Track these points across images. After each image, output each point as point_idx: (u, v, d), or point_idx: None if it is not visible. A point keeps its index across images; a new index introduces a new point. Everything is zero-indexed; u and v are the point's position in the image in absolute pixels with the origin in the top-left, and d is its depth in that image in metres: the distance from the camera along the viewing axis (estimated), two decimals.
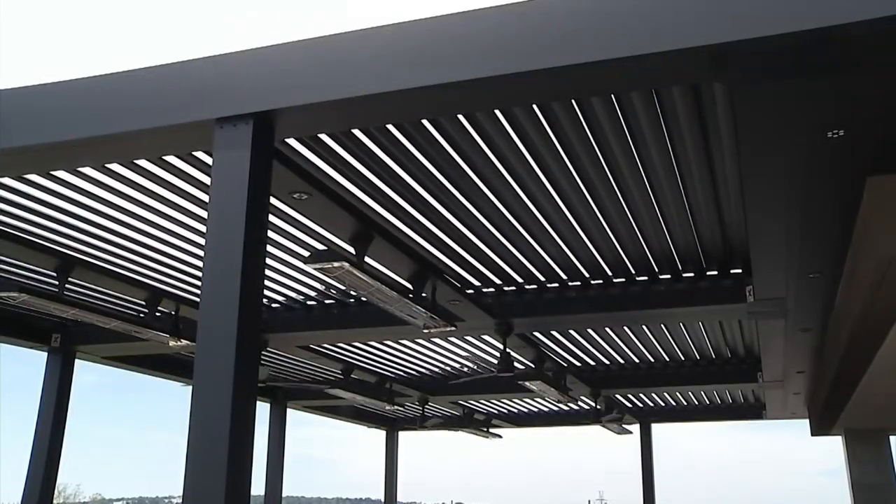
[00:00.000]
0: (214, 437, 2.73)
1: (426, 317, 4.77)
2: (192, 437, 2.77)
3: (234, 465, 2.71)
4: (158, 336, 5.67)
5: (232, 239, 2.91)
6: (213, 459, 2.71)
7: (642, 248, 4.98)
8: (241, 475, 2.74)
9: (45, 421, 6.86)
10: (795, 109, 2.72)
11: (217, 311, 2.87)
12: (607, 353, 8.19)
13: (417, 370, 9.06)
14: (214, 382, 2.79)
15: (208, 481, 2.70)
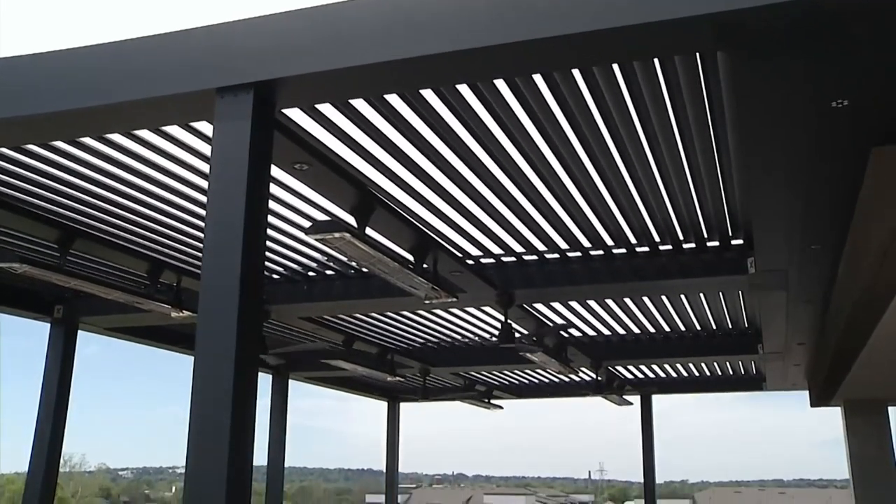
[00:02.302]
0: (216, 407, 2.75)
1: (428, 288, 4.77)
2: (195, 408, 2.79)
3: (237, 436, 2.72)
4: (160, 307, 5.68)
5: (233, 209, 2.90)
6: (216, 430, 2.72)
7: (643, 219, 4.97)
8: (244, 446, 2.76)
9: (49, 392, 6.91)
10: (800, 79, 2.69)
11: (218, 282, 2.87)
12: (608, 324, 8.21)
13: (418, 341, 9.09)
14: (216, 354, 2.80)
15: (211, 452, 2.72)
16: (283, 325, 7.89)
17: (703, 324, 8.11)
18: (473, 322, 8.08)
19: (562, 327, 7.33)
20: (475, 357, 9.54)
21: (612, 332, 8.61)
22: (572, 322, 7.94)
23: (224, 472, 2.67)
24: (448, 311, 7.58)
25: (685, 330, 8.42)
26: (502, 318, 6.36)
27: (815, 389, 10.06)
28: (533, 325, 7.32)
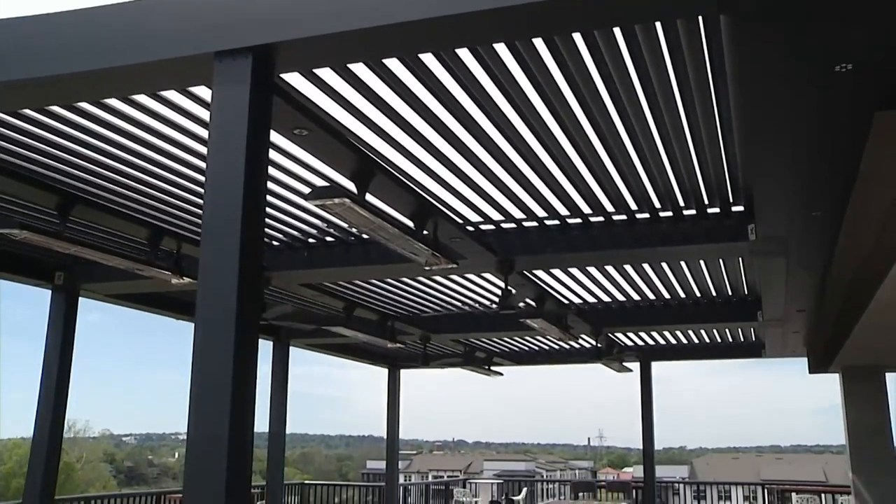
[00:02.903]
0: (217, 374, 2.76)
1: (428, 254, 4.77)
2: (196, 375, 2.80)
3: (238, 402, 2.74)
4: (161, 274, 5.69)
5: (232, 175, 2.89)
6: (217, 397, 2.74)
7: (643, 185, 4.96)
8: (245, 412, 2.77)
9: (51, 358, 6.94)
10: (803, 43, 2.67)
11: (218, 248, 2.86)
12: (608, 291, 8.22)
13: (419, 308, 9.12)
14: (216, 320, 2.81)
15: (212, 418, 2.74)
16: (283, 292, 7.92)
17: (702, 291, 8.13)
18: (473, 289, 8.10)
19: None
20: (475, 324, 9.58)
21: (612, 299, 8.64)
22: (571, 288, 7.96)
23: (225, 438, 2.68)
24: (448, 277, 7.59)
25: (685, 297, 8.44)
26: (502, 285, 6.37)
27: (814, 356, 10.11)
28: (533, 292, 7.34)
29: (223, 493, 2.66)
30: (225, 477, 2.67)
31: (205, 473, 2.72)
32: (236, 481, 2.70)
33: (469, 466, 64.36)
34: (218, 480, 2.67)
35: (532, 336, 10.52)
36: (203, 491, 2.71)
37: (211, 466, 2.70)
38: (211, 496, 2.67)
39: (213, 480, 2.68)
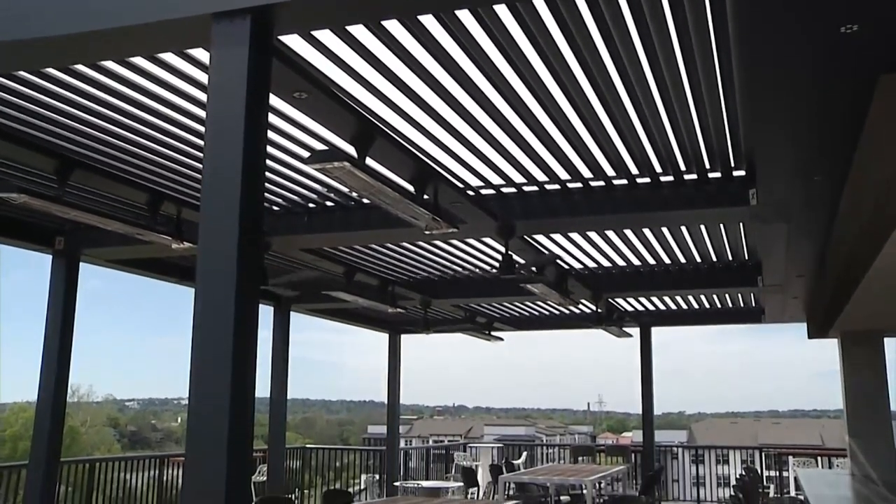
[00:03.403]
0: (218, 339, 2.76)
1: (428, 218, 4.76)
2: (196, 341, 2.80)
3: (239, 367, 2.74)
4: (161, 239, 5.68)
5: (231, 139, 2.87)
6: (218, 362, 2.74)
7: (644, 148, 4.93)
8: (246, 377, 2.78)
9: (53, 323, 6.97)
10: (808, 3, 2.63)
11: (218, 213, 2.85)
12: (609, 256, 8.23)
13: (419, 273, 9.13)
14: (217, 285, 2.80)
15: (213, 384, 2.75)
16: (284, 256, 7.92)
17: (703, 256, 8.14)
18: (474, 254, 8.10)
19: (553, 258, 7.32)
20: (476, 289, 9.60)
21: (612, 264, 8.65)
22: (570, 252, 7.96)
23: (226, 403, 2.70)
24: (449, 242, 7.59)
25: (685, 262, 8.45)
26: (503, 250, 6.38)
27: (813, 321, 10.14)
28: (533, 257, 7.34)
29: (225, 457, 2.68)
30: (226, 441, 2.68)
31: (206, 437, 2.73)
32: (238, 445, 2.72)
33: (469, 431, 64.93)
34: (219, 444, 2.69)
35: (532, 301, 10.54)
36: (205, 454, 2.73)
37: (213, 430, 2.71)
38: (213, 459, 2.70)
39: (215, 444, 2.70)
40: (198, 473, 2.74)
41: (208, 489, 2.69)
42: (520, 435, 57.44)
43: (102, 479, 10.13)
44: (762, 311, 11.25)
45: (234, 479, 2.69)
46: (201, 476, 2.73)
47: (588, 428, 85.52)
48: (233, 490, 2.68)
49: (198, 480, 2.73)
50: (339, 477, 15.33)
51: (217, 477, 2.67)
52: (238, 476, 2.72)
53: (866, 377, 9.04)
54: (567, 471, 9.73)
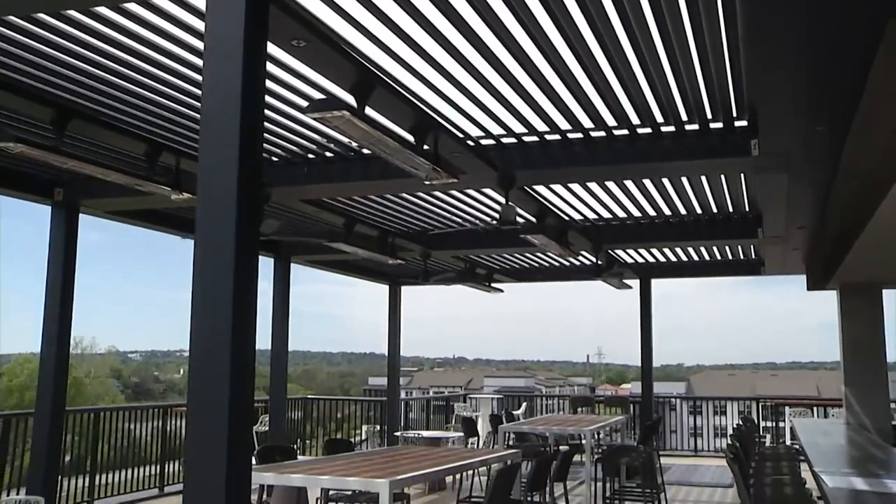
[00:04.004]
0: (218, 291, 2.76)
1: (428, 168, 4.74)
2: (196, 292, 2.81)
3: (239, 319, 2.75)
4: (160, 189, 5.66)
5: (229, 88, 2.84)
6: (218, 313, 2.75)
7: (645, 98, 4.89)
8: (246, 329, 2.80)
9: (54, 274, 6.99)
10: None
11: (216, 163, 2.84)
12: (609, 207, 8.21)
13: (419, 224, 9.12)
14: (216, 236, 2.80)
15: (213, 335, 2.76)
16: (283, 207, 7.91)
17: (703, 207, 8.12)
18: (474, 205, 8.09)
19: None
20: (476, 240, 9.60)
21: (612, 216, 8.63)
22: (572, 204, 7.94)
23: (227, 354, 2.71)
24: (449, 193, 7.57)
25: (686, 213, 8.44)
26: (503, 200, 6.36)
27: (813, 273, 10.17)
28: (534, 207, 7.33)
29: (226, 406, 2.70)
30: (228, 391, 2.71)
31: (208, 387, 2.76)
32: (239, 395, 2.74)
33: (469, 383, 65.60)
34: (221, 394, 2.72)
35: (532, 252, 10.55)
36: (207, 404, 2.76)
37: (214, 384, 2.74)
38: (215, 409, 2.72)
39: (217, 394, 2.73)
40: (200, 423, 2.77)
41: (210, 438, 2.72)
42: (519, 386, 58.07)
43: (107, 428, 10.26)
44: (762, 263, 11.27)
45: (236, 428, 2.72)
46: (203, 425, 2.76)
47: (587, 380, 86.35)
48: (234, 438, 2.71)
49: (200, 430, 2.77)
50: (341, 428, 15.51)
51: (219, 426, 2.70)
52: (239, 425, 2.75)
53: (864, 328, 9.11)
54: (566, 421, 9.85)
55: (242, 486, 2.78)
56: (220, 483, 2.68)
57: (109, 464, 10.25)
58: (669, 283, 12.92)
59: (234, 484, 2.71)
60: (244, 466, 2.79)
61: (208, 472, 2.71)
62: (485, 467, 7.73)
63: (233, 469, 2.70)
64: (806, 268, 10.60)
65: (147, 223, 8.32)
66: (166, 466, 10.70)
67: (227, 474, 2.68)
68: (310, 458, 6.35)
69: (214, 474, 2.69)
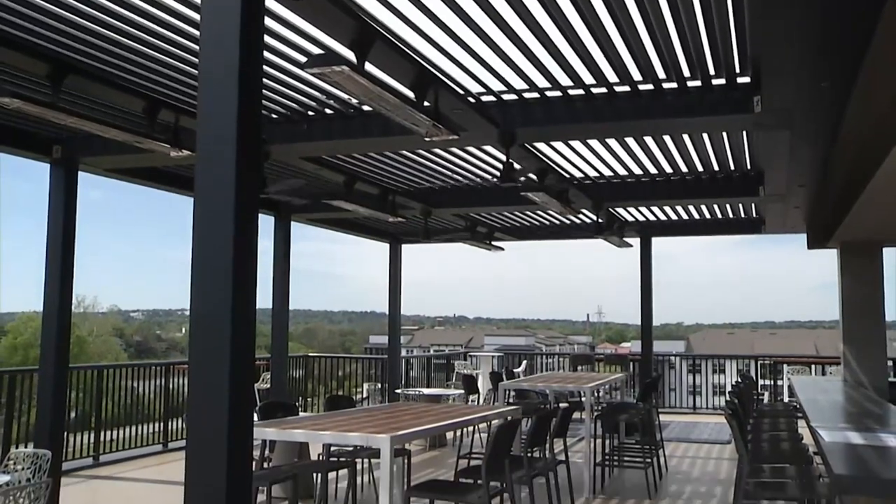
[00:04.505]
0: (218, 249, 2.76)
1: (429, 125, 4.71)
2: (197, 250, 2.81)
3: (239, 277, 2.76)
4: (159, 146, 5.63)
5: (227, 43, 2.81)
6: (218, 271, 2.75)
7: (647, 54, 4.84)
8: (247, 287, 2.80)
9: (54, 233, 6.99)
10: None
11: (215, 120, 2.83)
12: (610, 165, 8.18)
13: (420, 182, 9.10)
14: (216, 194, 2.79)
15: (214, 294, 2.76)
16: (282, 164, 7.88)
17: (705, 165, 8.09)
18: (475, 162, 8.06)
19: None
20: (476, 198, 9.58)
21: (613, 173, 8.60)
22: (573, 162, 7.91)
23: (228, 313, 2.72)
24: (449, 150, 7.54)
25: (687, 171, 8.41)
26: (504, 158, 6.34)
27: (814, 232, 10.17)
28: (534, 165, 7.30)
29: (228, 363, 2.72)
30: (229, 347, 2.72)
31: (209, 344, 2.77)
32: (239, 352, 2.75)
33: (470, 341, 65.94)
34: (222, 351, 2.73)
35: (533, 210, 10.53)
36: (208, 362, 2.77)
37: (215, 342, 2.75)
38: (216, 366, 2.74)
39: (218, 351, 2.74)
40: (202, 379, 2.79)
41: (212, 395, 2.74)
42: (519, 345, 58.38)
43: (111, 386, 10.36)
44: (762, 222, 11.26)
45: (237, 385, 2.74)
46: (205, 382, 2.78)
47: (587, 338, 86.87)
48: (236, 395, 2.73)
49: (202, 386, 2.79)
50: (342, 386, 15.63)
51: (220, 382, 2.72)
52: (240, 381, 2.77)
53: (863, 287, 9.14)
54: (566, 379, 9.92)
55: (244, 441, 2.81)
56: (222, 439, 2.71)
57: (114, 420, 10.36)
58: (669, 241, 12.94)
59: (236, 439, 2.74)
60: (246, 422, 2.81)
61: (210, 428, 2.73)
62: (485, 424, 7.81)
63: (234, 425, 2.72)
64: (806, 226, 10.59)
65: (147, 181, 8.29)
66: (169, 423, 10.82)
67: (229, 430, 2.71)
68: (312, 415, 6.42)
69: (216, 430, 2.72)
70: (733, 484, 5.56)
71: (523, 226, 12.54)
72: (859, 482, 2.97)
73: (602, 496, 7.87)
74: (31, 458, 5.06)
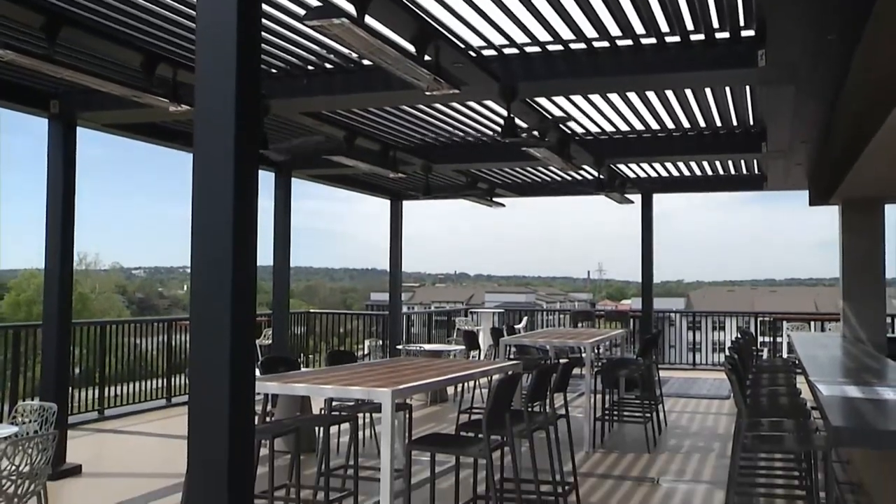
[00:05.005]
0: (218, 205, 2.76)
1: (430, 79, 4.66)
2: (196, 206, 2.80)
3: (240, 234, 2.76)
4: (158, 101, 5.59)
5: None
6: (218, 228, 2.75)
7: (650, 5, 4.77)
8: (247, 243, 2.80)
9: (54, 189, 6.98)
10: None
11: (214, 73, 2.80)
12: (612, 121, 8.12)
13: (421, 138, 9.05)
14: (215, 149, 2.78)
15: (214, 250, 2.77)
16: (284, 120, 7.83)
17: (707, 121, 8.03)
18: (476, 118, 8.00)
19: (561, 120, 7.22)
20: (478, 154, 9.54)
21: (615, 129, 8.55)
22: (573, 117, 7.85)
23: (229, 270, 2.72)
24: (450, 106, 7.48)
25: (689, 127, 8.35)
26: (505, 113, 6.29)
27: (815, 188, 10.14)
28: (536, 120, 7.25)
29: (228, 318, 2.73)
30: (229, 302, 2.73)
31: (210, 300, 2.78)
32: (240, 306, 2.77)
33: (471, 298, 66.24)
34: (223, 305, 2.74)
35: (534, 167, 10.49)
36: (209, 316, 2.78)
37: (216, 299, 2.76)
38: (217, 321, 2.75)
39: (219, 307, 2.75)
40: (203, 334, 2.80)
41: (214, 349, 2.76)
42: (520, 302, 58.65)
43: (114, 342, 10.43)
44: (764, 179, 11.22)
45: (239, 339, 2.76)
46: (207, 336, 2.79)
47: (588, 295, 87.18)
48: (237, 349, 2.75)
49: (204, 341, 2.80)
50: (343, 342, 15.71)
51: (221, 337, 2.74)
52: (242, 336, 2.78)
53: (864, 243, 9.13)
54: (567, 334, 9.97)
55: (246, 395, 2.83)
56: (224, 393, 2.73)
57: (117, 377, 10.45)
58: (671, 199, 12.93)
59: (238, 393, 2.76)
60: (247, 376, 2.84)
61: (213, 382, 2.76)
62: (486, 379, 7.87)
63: (236, 379, 2.74)
64: (808, 183, 10.56)
65: (147, 137, 8.25)
66: (173, 379, 10.91)
67: (231, 384, 2.73)
68: (314, 369, 6.47)
69: (218, 384, 2.74)
70: (731, 438, 5.62)
71: (524, 182, 12.50)
72: (855, 434, 3.00)
73: (602, 450, 7.96)
74: (37, 410, 5.13)
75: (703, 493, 6.36)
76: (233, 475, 2.73)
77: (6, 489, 4.02)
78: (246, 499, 2.85)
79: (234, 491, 2.74)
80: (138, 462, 7.54)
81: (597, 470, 7.14)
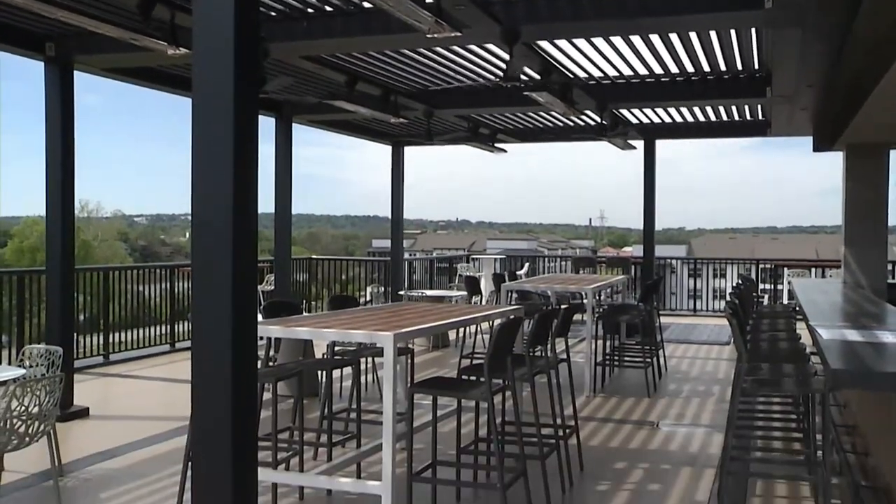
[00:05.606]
0: (218, 150, 2.74)
1: (431, 21, 4.59)
2: (196, 152, 2.79)
3: (240, 179, 2.75)
4: (155, 44, 5.51)
5: None
6: (219, 174, 2.75)
7: None
8: (248, 189, 2.79)
9: (52, 133, 6.93)
10: None
11: (212, 14, 2.77)
12: (615, 65, 8.02)
13: (422, 82, 8.95)
14: (214, 93, 2.76)
15: (215, 197, 2.76)
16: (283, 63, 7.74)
17: (712, 65, 7.93)
18: (478, 62, 7.90)
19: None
20: (479, 99, 9.45)
21: (618, 73, 8.45)
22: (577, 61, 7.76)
23: (230, 217, 2.72)
24: (451, 50, 7.38)
25: (693, 72, 8.25)
26: (507, 57, 6.21)
27: (820, 134, 10.05)
28: (538, 64, 7.16)
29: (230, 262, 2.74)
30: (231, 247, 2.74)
31: (212, 247, 2.78)
32: (242, 251, 2.77)
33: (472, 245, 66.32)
34: (224, 250, 2.75)
35: (536, 112, 10.40)
36: (211, 264, 2.79)
37: (217, 246, 2.76)
38: (219, 265, 2.76)
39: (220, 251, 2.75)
40: (206, 278, 2.81)
41: (216, 294, 2.77)
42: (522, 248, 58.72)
43: (117, 289, 10.48)
44: (768, 125, 11.13)
45: (241, 283, 2.77)
46: (209, 280, 2.80)
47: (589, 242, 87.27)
48: (239, 294, 2.76)
49: (206, 285, 2.81)
50: (345, 289, 15.78)
51: (224, 283, 2.75)
52: (243, 281, 2.79)
53: (868, 189, 9.09)
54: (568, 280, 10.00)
55: (249, 339, 2.85)
56: (227, 338, 2.75)
57: (122, 323, 10.53)
58: (672, 146, 12.85)
59: (241, 337, 2.78)
60: (250, 320, 2.85)
61: (215, 328, 2.77)
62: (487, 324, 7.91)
63: (239, 322, 2.76)
64: (813, 128, 10.47)
65: (146, 82, 8.18)
66: (176, 326, 10.99)
67: (234, 327, 2.74)
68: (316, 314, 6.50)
69: (221, 329, 2.75)
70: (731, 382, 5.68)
71: (526, 127, 12.41)
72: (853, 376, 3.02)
73: (602, 394, 8.05)
74: (43, 355, 5.18)
75: (701, 436, 6.44)
76: (236, 418, 2.76)
77: (17, 428, 4.10)
78: (250, 441, 2.89)
79: (238, 433, 2.77)
80: (144, 405, 7.64)
81: (597, 414, 7.23)
